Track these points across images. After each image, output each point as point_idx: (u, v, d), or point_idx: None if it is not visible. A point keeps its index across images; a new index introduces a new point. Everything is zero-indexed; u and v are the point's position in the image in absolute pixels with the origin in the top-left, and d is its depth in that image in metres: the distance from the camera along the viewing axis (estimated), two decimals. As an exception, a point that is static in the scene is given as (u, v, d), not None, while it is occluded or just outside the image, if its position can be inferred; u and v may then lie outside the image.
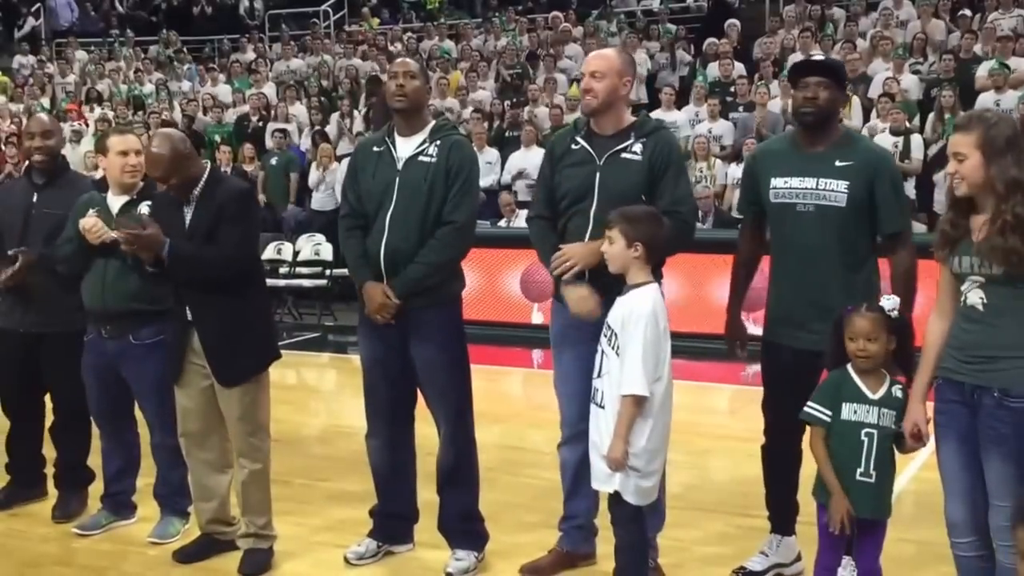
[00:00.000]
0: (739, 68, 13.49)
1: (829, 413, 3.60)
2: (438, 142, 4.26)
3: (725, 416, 7.53)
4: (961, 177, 3.34)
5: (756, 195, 4.18)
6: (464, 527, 4.43)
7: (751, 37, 14.61)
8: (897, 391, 3.58)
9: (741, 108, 12.59)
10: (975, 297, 3.34)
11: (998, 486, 3.31)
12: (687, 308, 8.89)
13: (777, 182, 4.08)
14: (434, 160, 4.22)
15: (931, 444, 3.55)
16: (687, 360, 7.18)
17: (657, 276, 3.86)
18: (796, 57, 13.03)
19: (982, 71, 11.75)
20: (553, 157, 4.29)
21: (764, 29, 14.72)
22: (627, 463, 3.65)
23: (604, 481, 3.76)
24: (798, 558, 4.33)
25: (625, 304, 3.69)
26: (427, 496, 4.54)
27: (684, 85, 13.92)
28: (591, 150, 4.14)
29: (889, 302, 3.60)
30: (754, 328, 4.41)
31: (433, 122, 4.36)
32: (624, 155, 4.09)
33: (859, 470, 3.56)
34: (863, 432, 3.55)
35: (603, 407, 3.72)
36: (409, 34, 17.48)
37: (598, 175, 4.09)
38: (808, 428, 3.70)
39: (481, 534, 4.47)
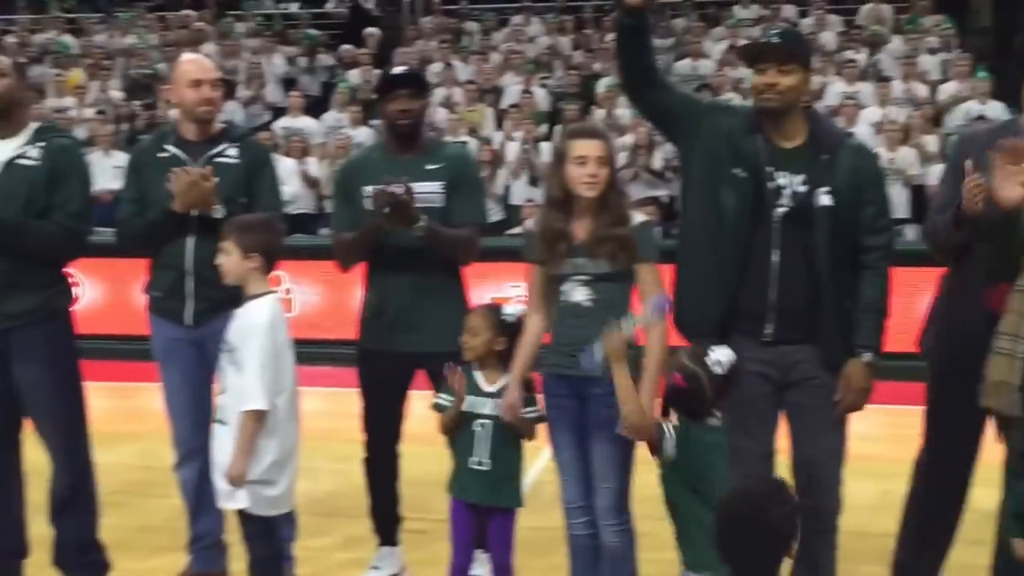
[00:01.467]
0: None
1: (452, 399, 3.73)
2: (43, 144, 3.92)
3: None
4: (600, 181, 3.54)
5: (352, 205, 4.15)
6: (82, 559, 4.09)
7: (390, 46, 14.81)
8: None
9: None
10: (579, 295, 3.57)
11: (604, 468, 3.58)
12: (321, 315, 8.82)
13: (371, 190, 4.09)
14: (37, 164, 3.88)
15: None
16: (321, 367, 7.13)
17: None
18: (436, 68, 13.38)
19: (601, 87, 12.61)
20: (139, 165, 4.19)
21: (403, 39, 14.98)
22: (249, 479, 3.53)
23: (228, 498, 3.62)
24: (403, 568, 4.42)
25: (243, 317, 3.58)
26: (38, 528, 4.14)
27: (325, 91, 13.87)
28: (183, 156, 4.08)
29: (509, 308, 3.76)
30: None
31: (35, 124, 4.01)
32: (221, 159, 4.07)
33: (472, 459, 3.72)
34: (476, 422, 3.71)
35: (225, 424, 3.59)
36: (19, 27, 16.16)
37: None
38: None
39: (101, 564, 4.14)
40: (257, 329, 3.52)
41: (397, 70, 4.46)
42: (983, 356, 3.34)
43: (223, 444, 3.59)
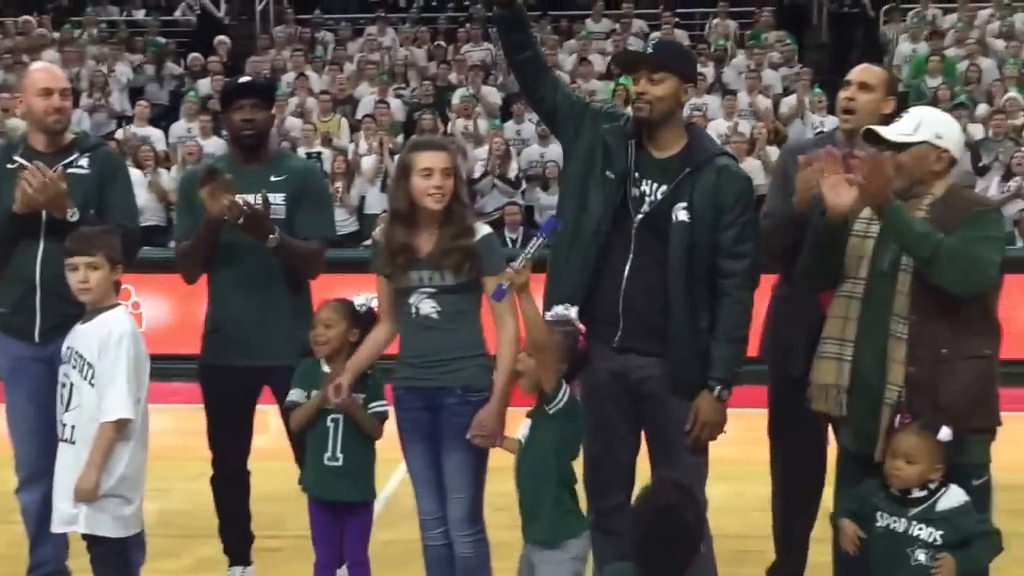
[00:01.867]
0: (232, 85, 13.31)
1: (304, 394, 3.74)
2: None
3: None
4: (446, 192, 3.54)
5: (196, 215, 4.04)
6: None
7: (242, 55, 14.53)
8: (369, 379, 3.74)
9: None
10: (427, 307, 3.57)
11: (456, 479, 3.59)
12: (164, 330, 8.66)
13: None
14: None
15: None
16: (171, 383, 6.93)
17: None
18: (288, 77, 13.19)
19: (456, 98, 12.65)
20: None
21: (255, 48, 14.71)
22: (100, 494, 3.43)
23: (69, 522, 3.49)
24: None
25: (97, 329, 3.51)
26: None
27: (174, 100, 13.51)
28: (33, 165, 3.90)
29: (360, 299, 3.77)
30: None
31: None
32: (72, 170, 3.95)
33: (327, 455, 3.71)
34: (329, 419, 3.71)
35: (74, 443, 3.48)
36: None
37: None
38: None
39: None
40: (121, 340, 3.49)
41: (241, 79, 4.40)
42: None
43: (69, 466, 3.48)
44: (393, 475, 5.48)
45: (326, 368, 3.75)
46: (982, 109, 11.71)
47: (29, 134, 4.06)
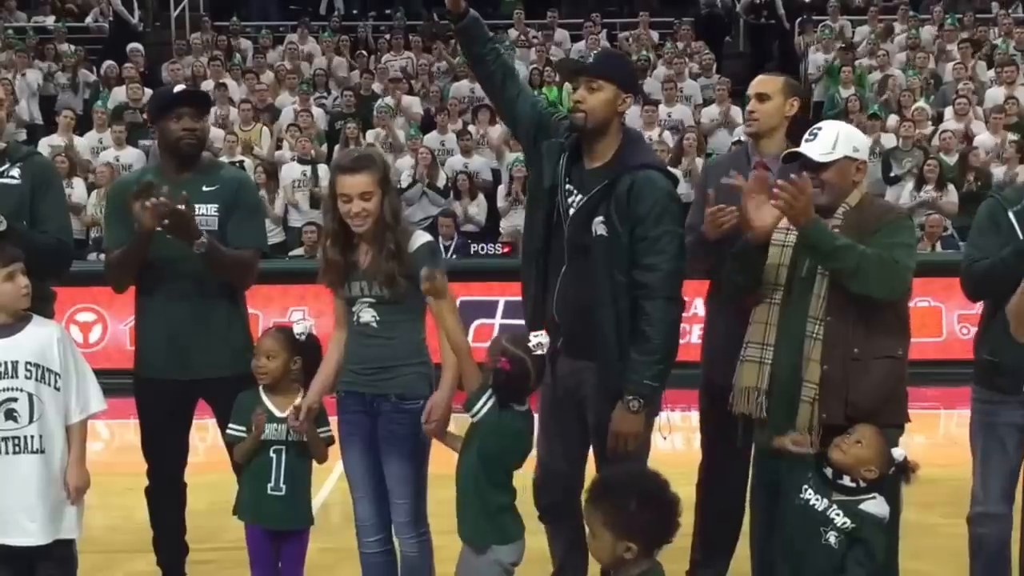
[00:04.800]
0: (149, 93, 13.06)
1: (244, 429, 3.75)
2: None
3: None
4: (369, 214, 3.55)
5: (125, 224, 3.95)
6: None
7: (157, 62, 14.27)
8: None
9: (153, 133, 12.16)
10: (367, 316, 3.60)
11: (398, 484, 3.61)
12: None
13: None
14: None
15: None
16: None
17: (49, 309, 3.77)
18: (207, 85, 12.98)
19: (378, 107, 12.59)
20: None
21: (171, 54, 14.46)
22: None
23: (44, 532, 3.47)
24: None
25: (40, 335, 3.51)
26: None
27: (87, 109, 13.20)
28: None
29: (299, 327, 3.76)
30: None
31: None
32: (3, 180, 3.86)
33: (270, 485, 3.73)
34: (271, 449, 3.73)
35: (43, 451, 3.46)
36: None
37: None
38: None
39: None
40: (69, 339, 3.56)
41: (178, 88, 4.30)
42: None
43: (32, 477, 3.45)
44: (327, 481, 5.46)
45: (265, 399, 3.75)
46: (893, 120, 12.05)
47: None
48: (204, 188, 4.00)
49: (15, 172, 3.88)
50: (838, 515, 3.25)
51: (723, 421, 3.70)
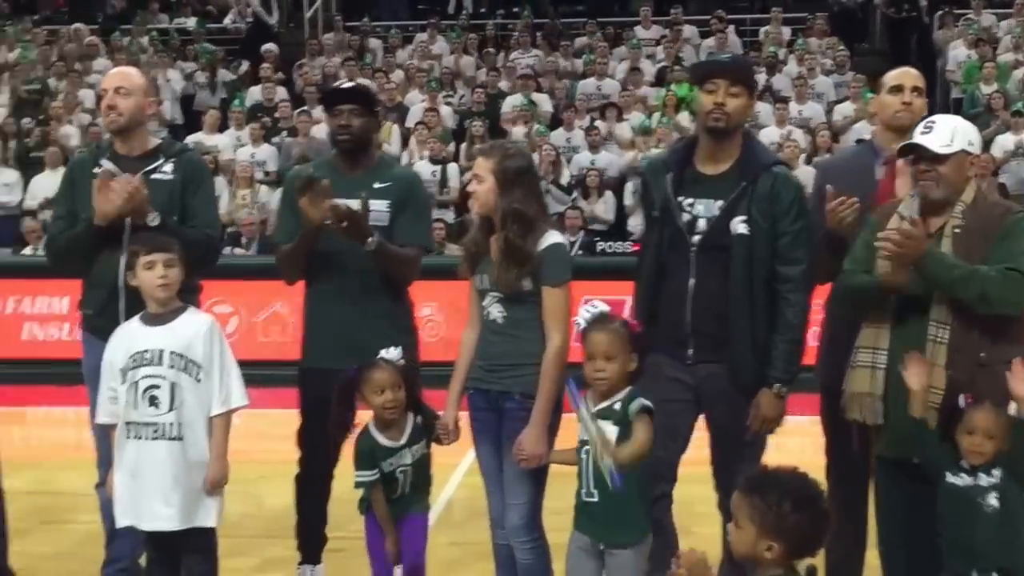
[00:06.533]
0: (282, 92, 13.44)
1: (374, 472, 3.71)
2: None
3: (276, 441, 7.40)
4: (477, 198, 3.64)
5: (297, 215, 4.04)
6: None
7: (290, 62, 14.64)
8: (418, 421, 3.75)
9: (285, 133, 12.54)
10: (495, 311, 3.62)
11: (516, 484, 3.62)
12: (235, 334, 8.65)
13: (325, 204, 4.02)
14: None
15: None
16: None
17: (194, 300, 3.86)
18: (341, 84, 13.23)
19: (508, 106, 12.66)
20: (74, 181, 4.12)
21: (304, 54, 14.82)
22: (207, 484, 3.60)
23: (179, 518, 3.57)
24: None
25: (189, 327, 3.61)
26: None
27: (225, 108, 13.61)
28: (117, 171, 3.99)
29: (392, 353, 3.71)
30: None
31: None
32: (156, 176, 4.01)
33: (394, 496, 3.74)
34: (398, 471, 3.73)
35: (180, 439, 3.56)
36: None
37: None
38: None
39: (11, 593, 4.01)
40: (218, 334, 3.64)
41: (341, 85, 4.45)
42: None
43: (167, 463, 3.55)
44: (452, 478, 5.51)
45: (381, 439, 3.71)
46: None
47: (115, 139, 4.14)
48: (376, 185, 4.06)
49: (168, 168, 4.03)
50: (984, 477, 3.22)
51: (843, 426, 3.63)
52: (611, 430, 3.32)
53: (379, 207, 4.03)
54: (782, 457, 3.22)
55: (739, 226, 3.58)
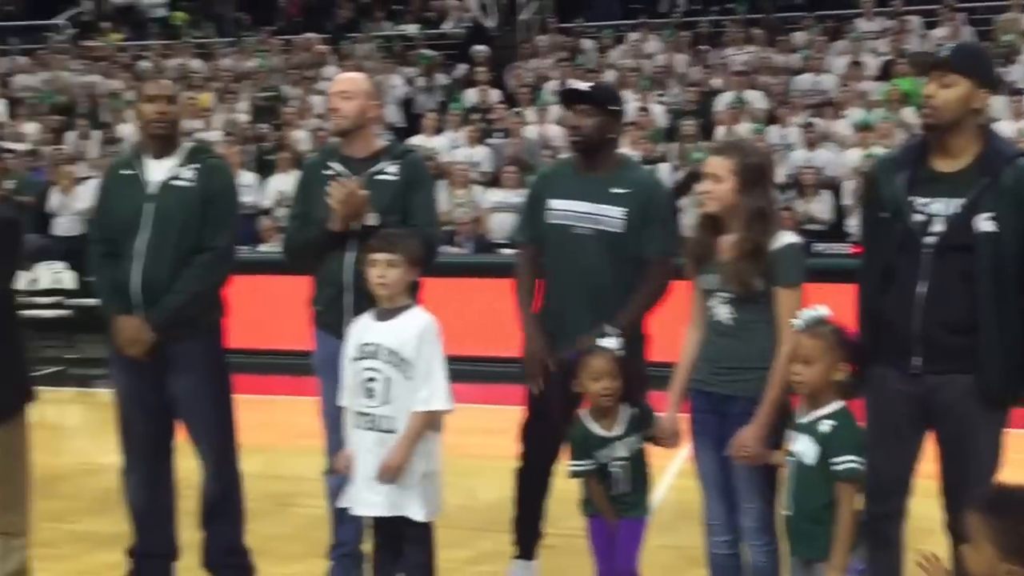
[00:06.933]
0: (496, 94, 13.72)
1: (589, 462, 3.76)
2: (196, 165, 4.07)
3: (491, 436, 7.57)
4: (714, 198, 3.53)
5: (538, 217, 4.17)
6: (230, 561, 4.23)
7: (504, 64, 14.91)
8: (635, 413, 3.79)
9: (499, 134, 12.81)
10: (722, 312, 3.54)
11: (746, 488, 3.54)
12: (447, 331, 8.89)
13: (555, 204, 4.14)
14: (191, 185, 4.04)
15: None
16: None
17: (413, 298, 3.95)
18: (552, 86, 13.42)
19: (720, 104, 12.47)
20: (307, 182, 4.30)
21: (517, 56, 15.06)
22: (423, 477, 3.71)
23: (386, 506, 3.72)
24: None
25: (407, 326, 3.73)
26: (187, 533, 4.29)
27: (441, 110, 14.02)
28: (345, 173, 4.15)
29: (612, 341, 3.71)
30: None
31: (188, 144, 4.17)
32: (380, 176, 4.13)
33: (611, 493, 3.80)
34: (613, 464, 3.77)
35: (391, 432, 3.70)
36: (152, 52, 16.75)
37: None
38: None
39: (248, 568, 4.28)
40: (434, 334, 3.73)
41: (571, 85, 4.36)
42: None
43: (377, 454, 3.71)
44: (662, 480, 5.49)
45: (595, 428, 3.76)
46: None
47: (343, 141, 4.28)
48: (612, 190, 4.05)
49: (393, 169, 4.16)
50: None
51: None
52: (809, 448, 3.27)
53: (612, 213, 4.02)
54: (1017, 473, 3.11)
55: (984, 223, 3.30)
